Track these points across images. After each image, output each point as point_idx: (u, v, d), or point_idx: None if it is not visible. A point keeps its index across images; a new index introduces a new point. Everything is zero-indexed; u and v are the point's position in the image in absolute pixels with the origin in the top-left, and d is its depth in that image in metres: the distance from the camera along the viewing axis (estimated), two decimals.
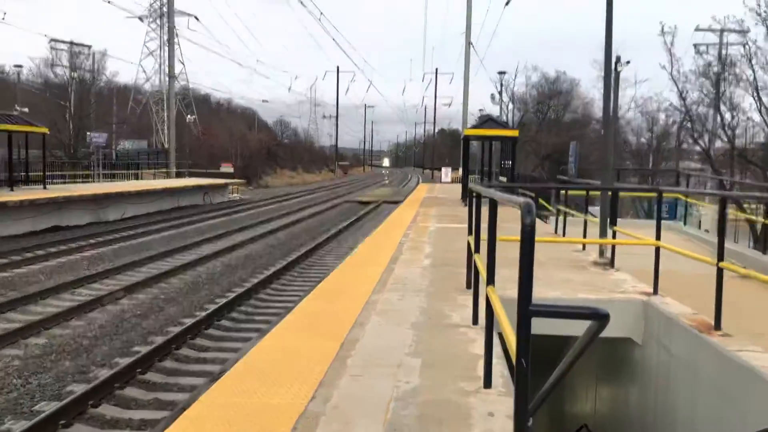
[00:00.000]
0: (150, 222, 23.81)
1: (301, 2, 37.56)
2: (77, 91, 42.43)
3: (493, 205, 3.61)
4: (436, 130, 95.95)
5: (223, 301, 11.45)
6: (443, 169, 45.19)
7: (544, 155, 46.36)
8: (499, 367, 4.10)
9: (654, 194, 10.95)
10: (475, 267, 5.05)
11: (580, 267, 8.24)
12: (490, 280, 3.63)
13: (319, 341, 4.62)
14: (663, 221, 7.34)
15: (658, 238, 6.40)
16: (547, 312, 2.24)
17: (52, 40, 43.60)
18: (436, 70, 76.41)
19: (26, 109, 32.85)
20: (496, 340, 4.10)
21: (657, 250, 6.42)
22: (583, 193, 12.57)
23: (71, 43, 45.19)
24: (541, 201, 15.67)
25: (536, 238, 2.43)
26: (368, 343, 4.62)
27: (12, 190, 22.35)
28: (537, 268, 2.18)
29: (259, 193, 46.88)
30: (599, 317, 2.15)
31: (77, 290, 12.45)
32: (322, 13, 40.85)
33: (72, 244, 17.68)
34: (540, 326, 2.98)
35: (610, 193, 8.19)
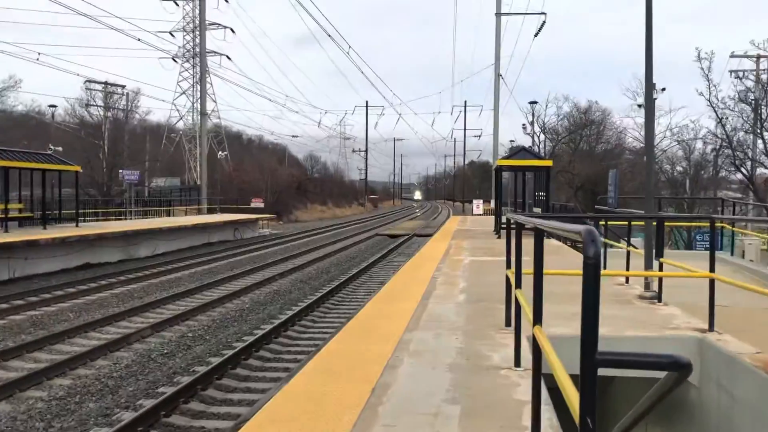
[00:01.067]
0: (180, 258, 23.77)
1: (330, 36, 37.87)
2: (111, 129, 43.24)
3: (539, 236, 3.25)
4: (466, 162, 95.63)
5: (251, 339, 11.14)
6: (474, 201, 44.75)
7: (578, 186, 45.67)
8: (548, 414, 3.70)
9: (701, 223, 10.44)
10: (516, 303, 4.66)
11: (625, 301, 7.75)
12: (537, 320, 3.25)
13: (348, 386, 4.26)
14: (704, 252, 6.91)
15: (712, 269, 5.93)
16: (617, 361, 1.87)
17: (87, 80, 44.67)
18: (465, 102, 76.58)
19: (60, 148, 33.46)
20: (542, 383, 3.70)
21: (711, 282, 5.94)
22: (622, 223, 12.07)
23: (106, 83, 46.24)
24: None
25: (576, 271, 2.09)
26: (401, 388, 4.24)
27: (45, 228, 22.56)
28: (579, 303, 1.86)
29: (289, 227, 46.91)
30: (680, 367, 1.78)
31: (105, 328, 12.28)
32: (350, 47, 41.37)
33: (102, 281, 17.63)
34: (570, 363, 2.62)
35: (654, 222, 7.72)
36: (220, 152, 53.63)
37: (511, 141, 52.96)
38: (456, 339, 5.68)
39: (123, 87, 47.39)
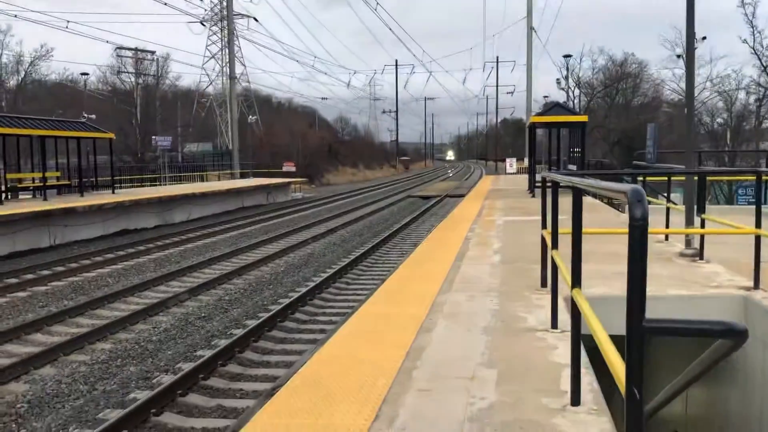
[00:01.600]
0: (215, 223, 24.04)
1: None
2: (142, 96, 43.54)
3: (577, 195, 3.12)
4: (499, 121, 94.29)
5: (287, 301, 11.23)
6: (507, 159, 44.19)
7: (614, 141, 44.75)
8: (587, 378, 3.61)
9: (744, 177, 10.09)
10: (553, 264, 4.55)
11: (665, 259, 7.56)
12: (576, 282, 3.15)
13: (383, 349, 4.22)
14: (747, 206, 6.67)
15: (758, 225, 5.71)
16: (666, 329, 1.77)
17: (118, 47, 44.89)
18: (497, 58, 75.12)
19: (93, 116, 33.84)
20: (581, 346, 3.60)
21: (757, 238, 5.73)
22: (662, 179, 11.74)
23: (136, 49, 46.43)
24: None
25: (615, 229, 1.97)
26: (436, 351, 4.19)
27: (82, 195, 22.96)
28: (617, 261, 1.77)
29: (321, 191, 47.05)
30: (736, 334, 1.67)
31: (143, 293, 12.50)
32: (378, 3, 40.68)
33: (140, 247, 17.93)
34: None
35: (696, 177, 7.47)
36: (250, 116, 53.68)
37: (545, 97, 52.00)
38: (491, 301, 5.59)
39: (153, 53, 47.60)
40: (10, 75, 38.15)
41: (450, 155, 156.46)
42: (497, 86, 73.43)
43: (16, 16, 34.76)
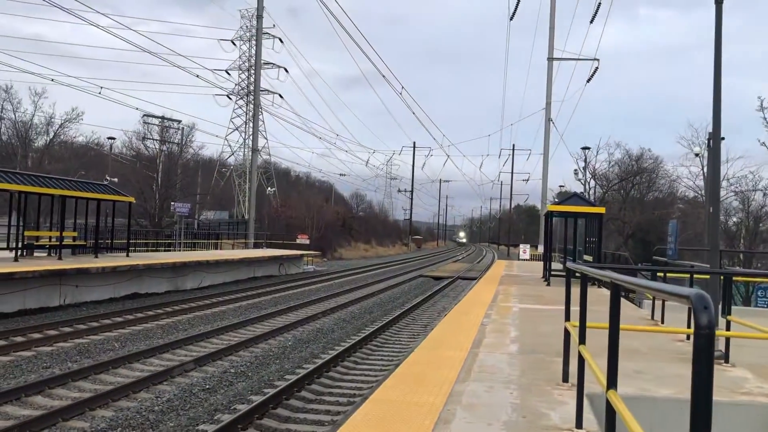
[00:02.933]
0: (226, 292, 23.88)
1: (384, 76, 38.29)
2: (165, 162, 44.35)
3: (615, 292, 3.02)
4: (513, 206, 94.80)
5: (293, 378, 10.95)
6: (521, 245, 44.08)
7: (628, 234, 44.63)
8: None
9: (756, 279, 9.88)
10: (580, 358, 4.38)
11: (689, 360, 7.31)
12: (612, 383, 3.00)
13: None
14: (763, 309, 6.48)
15: None
16: None
17: (145, 114, 46.12)
18: (513, 146, 76.15)
19: (116, 179, 34.41)
20: None
21: None
22: (681, 275, 11.57)
23: (162, 117, 47.67)
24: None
25: (633, 326, 1.85)
26: None
27: (96, 256, 23.00)
28: (639, 359, 1.67)
29: (333, 264, 46.92)
30: None
31: (149, 360, 12.27)
32: (403, 87, 41.94)
33: (149, 312, 17.77)
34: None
35: (722, 277, 7.32)
36: (268, 188, 54.37)
37: (560, 186, 52.37)
38: (510, 393, 5.39)
39: (179, 122, 48.80)
40: (40, 135, 39.16)
41: (462, 236, 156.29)
42: (512, 173, 74.30)
43: (53, 80, 35.92)
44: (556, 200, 29.29)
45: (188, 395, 10.04)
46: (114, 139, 48.67)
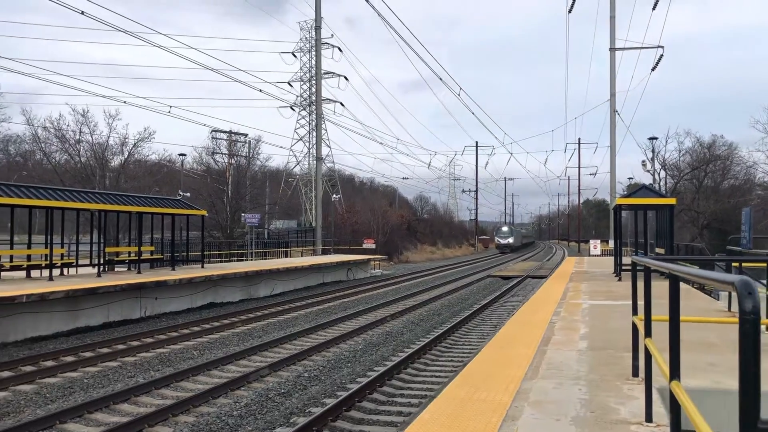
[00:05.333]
0: (297, 298, 24.40)
1: (441, 79, 38.25)
2: (234, 175, 45.65)
3: (674, 284, 3.02)
4: (581, 201, 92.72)
5: (365, 381, 11.13)
6: (591, 241, 43.11)
7: (703, 224, 42.99)
8: None
9: None
10: (646, 352, 4.35)
11: (766, 351, 7.07)
12: (675, 373, 3.00)
13: None
14: None
15: None
16: None
17: (213, 130, 47.63)
18: (579, 140, 74.44)
19: (188, 194, 35.66)
20: None
21: None
22: (759, 265, 11.14)
23: (230, 132, 49.10)
24: None
25: (708, 318, 1.86)
26: None
27: (173, 269, 23.93)
28: (714, 351, 1.68)
29: (399, 268, 47.13)
30: None
31: (226, 367, 12.71)
32: (461, 88, 41.77)
33: (225, 321, 18.36)
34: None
35: None
36: (333, 195, 55.14)
37: (629, 178, 50.94)
38: (579, 389, 5.37)
39: (245, 135, 50.15)
40: (116, 155, 41.07)
41: (505, 233, 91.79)
42: (579, 167, 72.66)
43: (125, 102, 37.55)
44: (625, 193, 28.55)
45: (265, 400, 10.36)
46: (185, 155, 50.50)
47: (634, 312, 5.58)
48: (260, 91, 39.12)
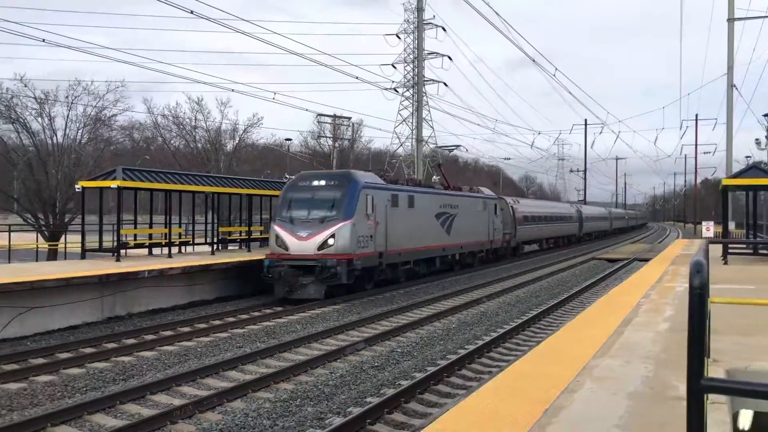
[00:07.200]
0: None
1: (534, 61, 37.49)
2: (338, 158, 46.98)
3: None
4: (699, 181, 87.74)
5: (454, 357, 11.55)
6: (704, 222, 41.02)
7: None
8: None
9: None
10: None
11: None
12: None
13: (522, 405, 4.44)
14: None
15: None
16: None
17: (318, 114, 49.17)
18: (696, 116, 70.44)
19: (294, 177, 37.12)
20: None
21: None
22: None
23: (334, 116, 50.48)
24: None
25: None
26: (574, 411, 4.32)
27: None
28: None
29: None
30: None
31: (326, 340, 13.51)
32: (557, 69, 40.84)
33: (324, 300, 19.26)
34: None
35: None
36: (434, 177, 55.45)
37: (747, 157, 47.83)
38: (645, 367, 5.53)
39: (349, 119, 51.40)
40: (228, 140, 43.34)
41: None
42: (696, 145, 68.82)
43: (233, 90, 39.63)
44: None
45: (358, 372, 11.01)
46: (291, 140, 52.46)
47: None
48: (356, 78, 40.14)
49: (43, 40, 20.14)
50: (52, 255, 26.18)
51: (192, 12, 18.22)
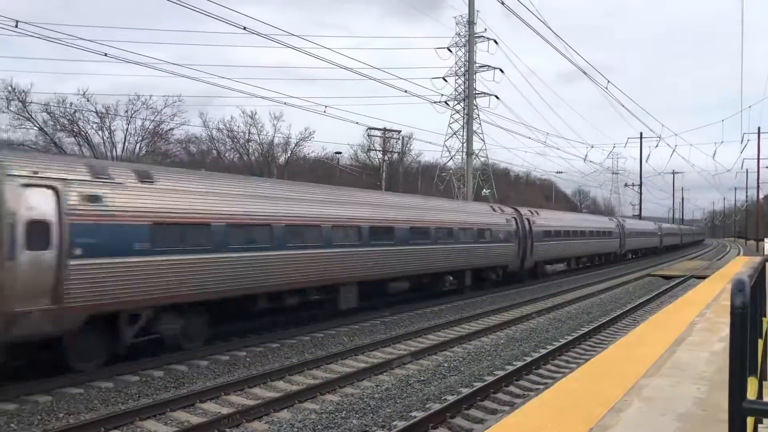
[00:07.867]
0: (441, 292, 24.89)
1: (586, 74, 36.93)
2: (388, 171, 47.21)
3: None
4: (761, 196, 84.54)
5: (502, 374, 11.41)
6: (767, 239, 39.51)
7: None
8: None
9: None
10: None
11: None
12: None
13: (566, 423, 4.36)
14: None
15: None
16: None
17: (369, 128, 49.56)
18: (758, 128, 68.02)
19: None
20: None
21: None
22: None
23: (384, 130, 50.80)
24: None
25: None
26: (620, 431, 4.22)
27: None
28: None
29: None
30: None
31: (372, 353, 13.53)
32: (609, 81, 39.89)
33: (372, 312, 19.27)
34: None
35: None
36: (484, 190, 55.10)
37: None
38: (698, 388, 5.36)
39: (399, 132, 51.63)
40: (281, 154, 44.16)
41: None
42: (758, 159, 66.38)
43: (285, 103, 40.27)
44: None
45: (404, 385, 10.98)
46: (340, 153, 52.99)
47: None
48: (405, 91, 40.29)
49: (105, 54, 20.91)
50: None
51: (245, 28, 18.66)
